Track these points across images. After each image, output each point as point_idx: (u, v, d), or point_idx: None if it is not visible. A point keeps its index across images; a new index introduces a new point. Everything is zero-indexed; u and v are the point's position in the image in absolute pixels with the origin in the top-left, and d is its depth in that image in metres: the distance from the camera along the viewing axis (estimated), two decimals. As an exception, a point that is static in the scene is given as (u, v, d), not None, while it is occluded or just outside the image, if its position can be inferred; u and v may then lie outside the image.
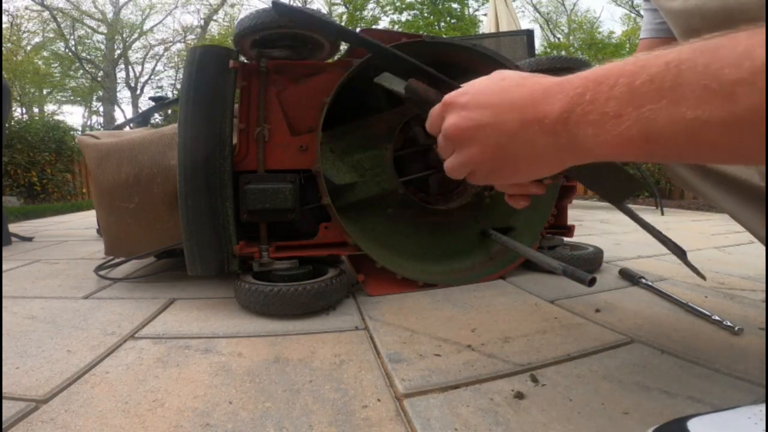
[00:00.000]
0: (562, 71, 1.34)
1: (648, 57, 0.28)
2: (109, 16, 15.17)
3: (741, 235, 1.83)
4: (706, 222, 2.54)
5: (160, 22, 16.30)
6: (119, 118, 15.32)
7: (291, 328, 0.81)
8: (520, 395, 0.55)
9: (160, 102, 2.32)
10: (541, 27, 16.63)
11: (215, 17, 16.00)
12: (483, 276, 1.13)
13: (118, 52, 15.54)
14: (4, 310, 0.92)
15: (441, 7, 12.05)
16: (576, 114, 0.30)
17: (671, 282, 1.10)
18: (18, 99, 13.68)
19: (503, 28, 3.97)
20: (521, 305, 0.93)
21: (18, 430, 0.48)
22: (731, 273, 1.20)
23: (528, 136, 0.34)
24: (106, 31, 15.06)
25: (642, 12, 0.74)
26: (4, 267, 1.41)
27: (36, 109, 15.68)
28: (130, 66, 16.20)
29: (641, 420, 0.49)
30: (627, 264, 1.30)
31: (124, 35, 15.50)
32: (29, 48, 13.95)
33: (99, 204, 1.15)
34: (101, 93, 15.62)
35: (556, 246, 1.24)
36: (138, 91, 16.11)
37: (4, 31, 12.43)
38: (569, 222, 1.31)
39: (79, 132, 8.80)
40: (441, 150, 0.42)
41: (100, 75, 15.16)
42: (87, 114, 17.09)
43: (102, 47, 15.33)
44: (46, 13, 13.61)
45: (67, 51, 14.42)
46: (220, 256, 0.93)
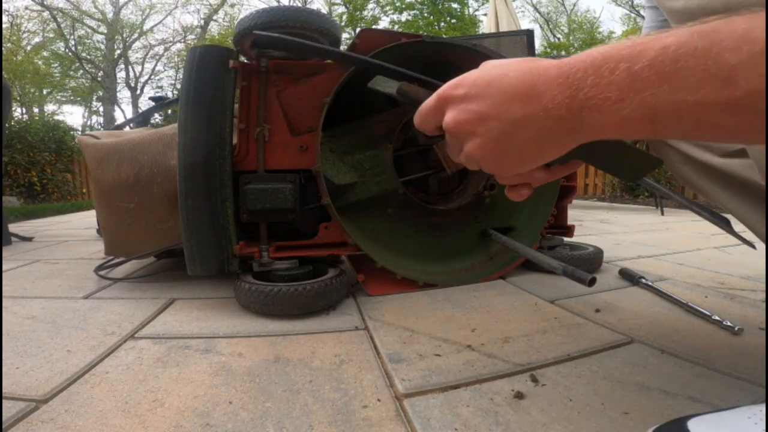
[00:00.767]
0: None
1: (645, 41, 0.28)
2: (109, 16, 15.19)
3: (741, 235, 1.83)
4: (706, 222, 2.54)
5: (160, 22, 16.36)
6: (119, 118, 15.34)
7: (291, 328, 0.81)
8: (520, 395, 0.55)
9: (160, 102, 2.32)
10: (541, 27, 16.64)
11: (215, 17, 16.03)
12: (483, 276, 1.13)
13: (118, 52, 15.55)
14: (4, 310, 0.92)
15: (441, 7, 12.05)
16: (579, 99, 0.30)
17: (671, 282, 1.10)
18: (18, 99, 13.69)
19: (503, 28, 3.96)
20: (521, 305, 0.93)
21: (18, 430, 0.48)
22: (731, 273, 1.20)
23: (532, 122, 0.33)
24: (106, 31, 15.07)
25: (643, 11, 0.74)
26: (4, 267, 1.41)
27: (36, 109, 15.70)
28: (130, 66, 16.22)
29: (641, 420, 0.49)
30: (627, 264, 1.30)
31: (124, 35, 15.52)
32: (29, 48, 13.96)
33: (99, 204, 1.15)
34: (101, 93, 15.64)
35: (556, 246, 1.24)
36: (138, 91, 16.13)
37: (4, 31, 12.44)
38: (569, 222, 1.31)
39: (79, 132, 8.80)
40: (450, 150, 0.42)
41: (100, 75, 15.17)
42: (87, 114, 17.12)
43: (102, 47, 15.34)
44: (46, 13, 13.62)
45: (67, 51, 14.43)
46: (220, 256, 0.93)
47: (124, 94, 16.88)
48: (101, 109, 16.37)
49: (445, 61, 1.09)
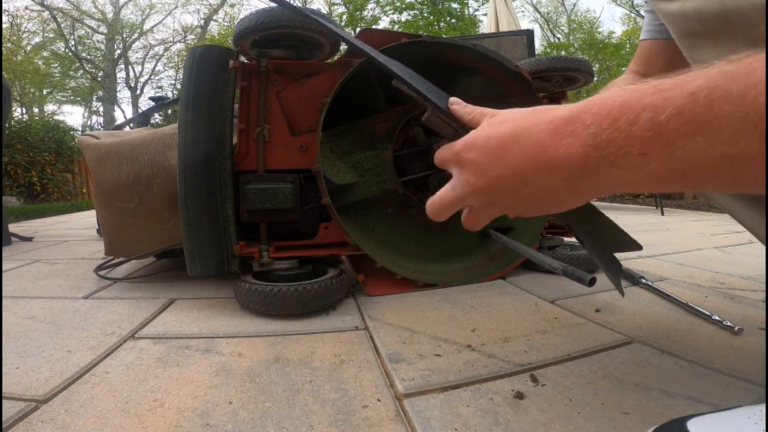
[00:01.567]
0: (562, 71, 1.33)
1: (670, 85, 0.25)
2: (109, 16, 15.18)
3: (741, 235, 1.83)
4: (706, 222, 2.54)
5: (160, 22, 16.30)
6: (119, 118, 15.35)
7: (291, 328, 0.81)
8: (520, 395, 0.55)
9: (160, 102, 2.32)
10: (541, 27, 16.64)
11: (215, 17, 16.01)
12: (483, 276, 1.13)
13: (118, 52, 15.55)
14: (4, 310, 0.92)
15: (441, 7, 12.04)
16: (593, 158, 0.28)
17: (671, 282, 1.10)
18: (18, 99, 13.68)
19: (503, 28, 3.96)
20: (521, 305, 0.92)
21: (18, 430, 0.48)
22: (731, 273, 1.20)
23: (546, 184, 0.32)
24: (106, 31, 15.07)
25: (642, 13, 0.74)
26: (4, 267, 1.41)
27: (36, 109, 15.69)
28: (130, 66, 16.21)
29: (641, 420, 0.49)
30: (627, 264, 1.30)
31: (124, 35, 15.51)
32: (29, 48, 13.95)
33: (99, 204, 1.15)
34: (101, 93, 15.63)
35: (556, 246, 1.24)
36: (138, 91, 16.12)
37: (4, 31, 12.43)
38: (569, 222, 1.31)
39: (79, 132, 8.81)
40: (474, 208, 0.43)
41: (100, 75, 15.17)
42: (87, 114, 17.10)
43: (102, 47, 15.34)
44: (46, 13, 13.62)
45: (67, 51, 14.42)
46: (220, 256, 0.93)
47: (124, 94, 16.89)
48: (101, 109, 16.37)
49: (446, 61, 1.09)
